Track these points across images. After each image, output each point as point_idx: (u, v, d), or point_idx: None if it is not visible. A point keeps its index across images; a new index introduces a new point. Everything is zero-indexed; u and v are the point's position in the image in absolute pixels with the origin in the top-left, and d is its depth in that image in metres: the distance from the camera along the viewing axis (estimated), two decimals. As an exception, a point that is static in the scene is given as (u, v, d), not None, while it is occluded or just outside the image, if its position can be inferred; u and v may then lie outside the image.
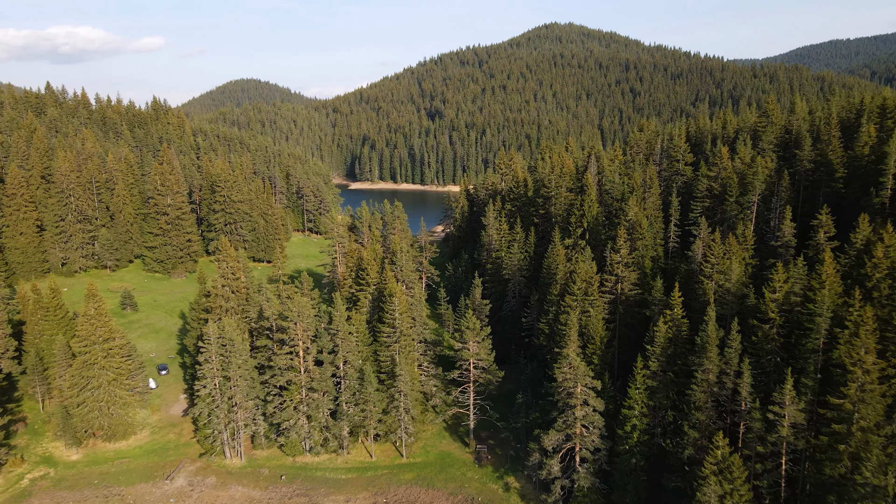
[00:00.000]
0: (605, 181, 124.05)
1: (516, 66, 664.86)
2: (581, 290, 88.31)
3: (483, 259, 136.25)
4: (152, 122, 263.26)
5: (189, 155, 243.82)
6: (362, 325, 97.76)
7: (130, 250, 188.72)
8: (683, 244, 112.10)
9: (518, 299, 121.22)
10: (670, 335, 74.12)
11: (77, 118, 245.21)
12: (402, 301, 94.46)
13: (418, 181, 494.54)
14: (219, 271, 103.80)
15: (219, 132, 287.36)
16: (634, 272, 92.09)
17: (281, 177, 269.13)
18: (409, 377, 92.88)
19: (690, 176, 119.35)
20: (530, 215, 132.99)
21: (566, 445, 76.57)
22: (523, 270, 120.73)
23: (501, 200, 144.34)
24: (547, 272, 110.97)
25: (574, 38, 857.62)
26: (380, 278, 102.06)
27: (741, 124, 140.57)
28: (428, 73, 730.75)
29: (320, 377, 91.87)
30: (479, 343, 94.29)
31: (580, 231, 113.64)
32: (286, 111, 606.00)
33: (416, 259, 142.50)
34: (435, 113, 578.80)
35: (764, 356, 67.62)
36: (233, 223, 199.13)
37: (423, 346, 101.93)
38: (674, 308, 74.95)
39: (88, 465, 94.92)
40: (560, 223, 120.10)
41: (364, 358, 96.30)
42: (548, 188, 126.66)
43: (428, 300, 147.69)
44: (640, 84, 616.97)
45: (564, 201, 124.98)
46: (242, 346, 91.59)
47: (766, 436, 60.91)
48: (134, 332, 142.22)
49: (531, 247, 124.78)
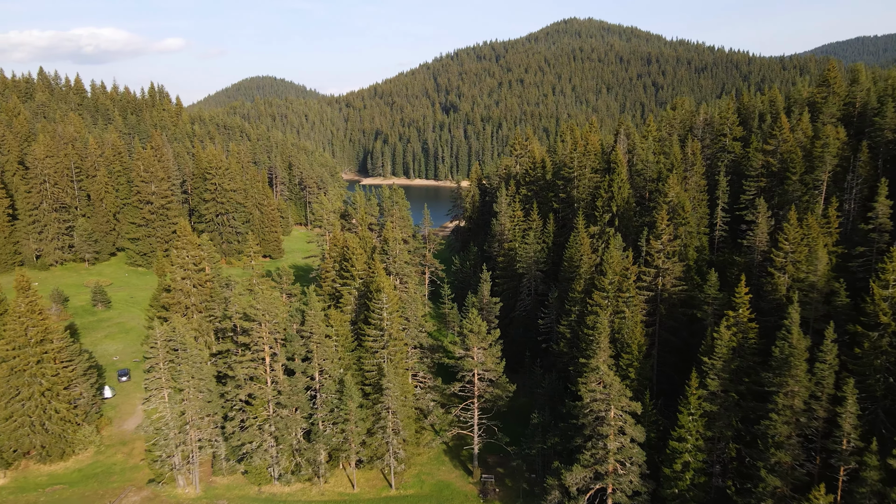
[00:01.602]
0: (637, 161, 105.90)
1: (534, 60, 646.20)
2: (613, 286, 70.55)
3: (494, 251, 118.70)
4: (147, 108, 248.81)
5: (184, 142, 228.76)
6: (344, 326, 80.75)
7: (112, 242, 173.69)
8: (732, 232, 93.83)
9: (534, 297, 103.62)
10: (734, 344, 56.20)
11: (67, 103, 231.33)
12: (392, 298, 77.31)
13: (432, 176, 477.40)
14: (177, 261, 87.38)
15: (218, 120, 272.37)
16: (679, 263, 74.14)
17: (283, 167, 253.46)
18: (399, 391, 75.76)
19: (740, 153, 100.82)
20: (549, 200, 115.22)
21: (595, 486, 58.96)
22: (540, 264, 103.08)
23: (516, 185, 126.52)
24: (568, 265, 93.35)
25: (594, 33, 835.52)
26: (368, 271, 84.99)
27: (795, 96, 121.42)
28: (444, 68, 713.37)
29: (290, 390, 75.00)
30: (486, 350, 76.87)
31: (608, 217, 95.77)
32: (298, 106, 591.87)
33: (418, 252, 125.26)
34: (450, 107, 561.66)
35: (872, 375, 49.50)
36: (224, 214, 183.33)
37: (419, 353, 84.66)
38: (738, 309, 57.02)
39: (14, 492, 78.78)
40: (584, 208, 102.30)
41: (345, 366, 79.33)
42: (570, 168, 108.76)
43: (432, 298, 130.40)
44: (663, 78, 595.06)
45: (589, 183, 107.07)
46: (197, 352, 74.97)
47: (890, 492, 42.86)
48: (100, 331, 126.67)
49: (549, 236, 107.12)
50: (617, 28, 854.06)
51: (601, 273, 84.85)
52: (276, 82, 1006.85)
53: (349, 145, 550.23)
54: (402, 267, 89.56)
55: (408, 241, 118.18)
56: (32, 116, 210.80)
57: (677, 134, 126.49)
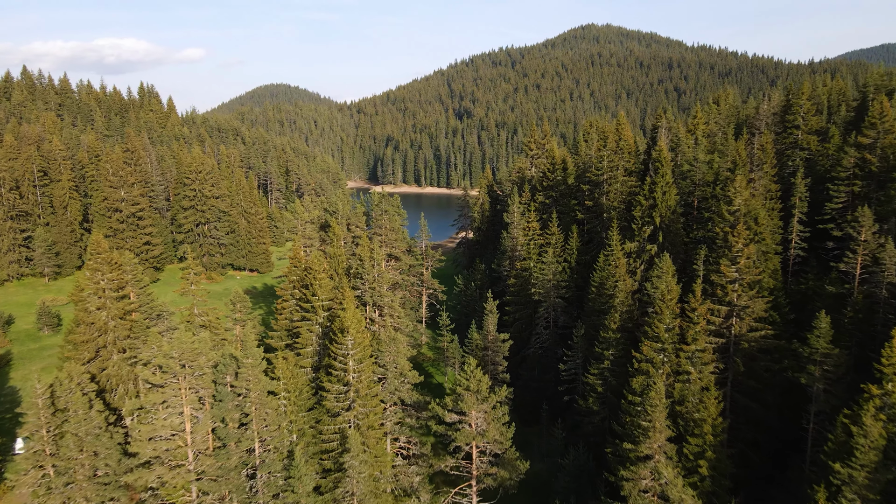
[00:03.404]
0: (682, 160, 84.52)
1: (551, 65, 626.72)
2: (672, 334, 49.19)
3: (504, 270, 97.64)
4: (135, 109, 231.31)
5: (170, 146, 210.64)
6: (299, 377, 60.13)
7: (78, 254, 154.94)
8: (812, 251, 72.14)
9: (553, 330, 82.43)
10: (882, 442, 34.74)
11: (46, 103, 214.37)
12: (362, 341, 56.59)
13: (444, 184, 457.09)
14: (90, 286, 67.34)
15: (212, 123, 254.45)
16: (759, 298, 52.68)
17: (279, 173, 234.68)
18: (369, 468, 54.98)
19: (817, 149, 79.07)
20: (571, 209, 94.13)
21: None
22: (561, 288, 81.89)
23: (531, 190, 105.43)
24: (598, 292, 72.27)
25: (612, 39, 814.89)
26: (337, 301, 64.36)
27: (870, 80, 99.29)
28: (458, 73, 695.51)
29: (219, 469, 54.44)
30: (489, 413, 55.82)
31: (649, 230, 74.44)
32: (307, 111, 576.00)
33: (413, 270, 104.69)
34: (463, 113, 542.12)
35: None
36: (205, 223, 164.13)
37: (401, 412, 63.63)
38: (888, 381, 35.55)
39: None
40: (618, 219, 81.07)
41: (299, 432, 58.65)
42: (598, 170, 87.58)
43: (431, 325, 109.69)
44: (685, 83, 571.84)
45: (622, 188, 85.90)
46: (88, 415, 54.80)
47: None
48: (39, 362, 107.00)
49: (572, 253, 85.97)
50: (636, 34, 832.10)
51: (644, 306, 63.62)
52: (290, 90, 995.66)
53: (359, 152, 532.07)
54: (383, 296, 68.73)
55: (400, 257, 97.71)
56: (5, 117, 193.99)
57: (722, 130, 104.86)
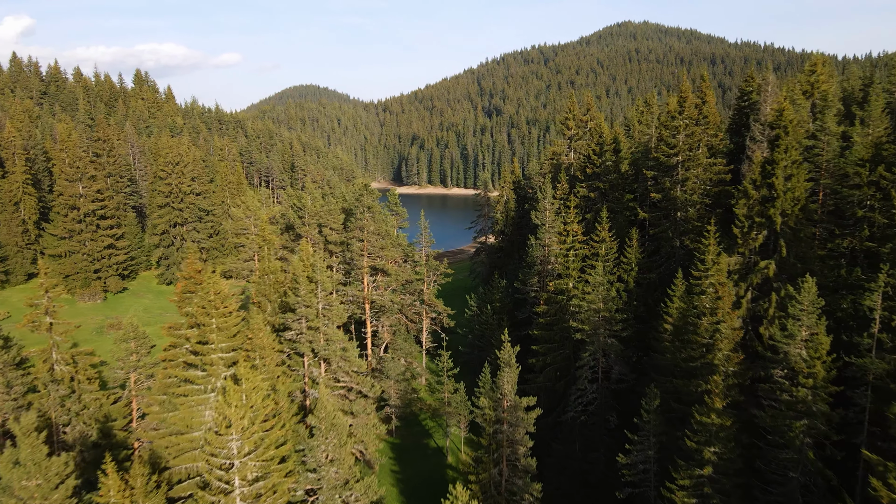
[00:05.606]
0: (796, 133, 56.39)
1: (585, 61, 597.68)
2: None
3: (531, 291, 70.25)
4: (125, 97, 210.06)
5: (159, 138, 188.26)
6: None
7: (31, 259, 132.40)
8: None
9: (603, 387, 54.95)
10: None
11: (26, 90, 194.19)
12: (261, 432, 30.35)
13: (471, 185, 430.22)
14: None
15: (211, 114, 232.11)
16: None
17: (283, 168, 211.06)
18: None
19: None
20: (627, 206, 66.70)
21: None
22: (615, 323, 54.30)
23: (569, 181, 77.80)
24: (677, 333, 45.31)
25: (650, 35, 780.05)
26: (244, 356, 38.43)
27: None
28: (489, 72, 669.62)
29: None
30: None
31: (761, 236, 46.76)
32: (331, 110, 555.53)
33: (410, 287, 78.28)
34: (493, 110, 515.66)
35: None
36: (182, 224, 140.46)
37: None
38: None
39: None
40: (701, 219, 53.49)
41: None
42: (671, 147, 60.03)
43: (435, 356, 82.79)
44: (730, 79, 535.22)
45: (705, 176, 58.25)
46: None
47: None
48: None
49: (632, 269, 58.48)
50: (675, 30, 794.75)
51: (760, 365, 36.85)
52: (318, 90, 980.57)
53: (383, 151, 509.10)
54: (330, 349, 42.00)
55: (388, 271, 71.51)
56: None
57: (836, 105, 76.11)
